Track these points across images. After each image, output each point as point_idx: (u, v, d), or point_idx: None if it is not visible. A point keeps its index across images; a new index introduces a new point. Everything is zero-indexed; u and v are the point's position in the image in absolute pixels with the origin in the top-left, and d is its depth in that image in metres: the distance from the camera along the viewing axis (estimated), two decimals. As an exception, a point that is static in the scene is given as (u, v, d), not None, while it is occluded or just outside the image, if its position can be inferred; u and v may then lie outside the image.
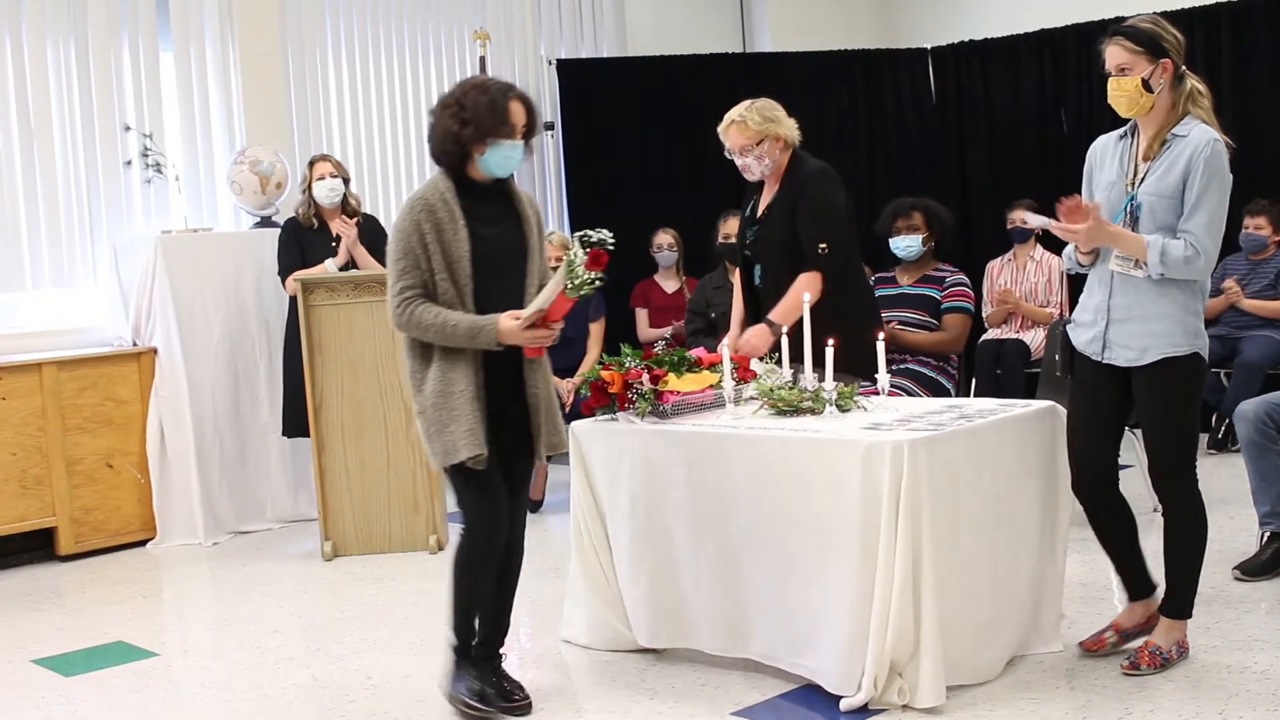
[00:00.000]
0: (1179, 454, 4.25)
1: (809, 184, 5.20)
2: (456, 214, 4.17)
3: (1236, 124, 8.28)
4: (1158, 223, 4.11)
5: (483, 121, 4.15)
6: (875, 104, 9.75)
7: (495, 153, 4.19)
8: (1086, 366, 4.35)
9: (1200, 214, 4.08)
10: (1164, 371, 4.16)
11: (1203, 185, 4.07)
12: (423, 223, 4.16)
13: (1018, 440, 4.38)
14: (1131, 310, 4.18)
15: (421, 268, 4.17)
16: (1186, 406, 4.22)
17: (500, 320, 4.10)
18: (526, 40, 9.20)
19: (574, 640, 4.96)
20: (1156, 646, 4.27)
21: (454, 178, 4.24)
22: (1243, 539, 5.71)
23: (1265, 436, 5.28)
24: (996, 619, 4.32)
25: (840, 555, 4.14)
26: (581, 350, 7.48)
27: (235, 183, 7.46)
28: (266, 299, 7.38)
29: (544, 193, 9.30)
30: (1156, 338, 4.16)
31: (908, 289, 6.70)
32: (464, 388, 4.15)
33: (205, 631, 5.60)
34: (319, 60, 8.29)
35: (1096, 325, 4.28)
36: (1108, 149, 4.33)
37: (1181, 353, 4.16)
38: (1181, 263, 4.06)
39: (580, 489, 4.88)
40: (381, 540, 6.64)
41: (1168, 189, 4.09)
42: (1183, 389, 4.20)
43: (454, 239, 4.16)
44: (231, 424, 7.33)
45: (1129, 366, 4.22)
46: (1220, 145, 4.11)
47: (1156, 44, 4.14)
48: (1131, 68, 4.14)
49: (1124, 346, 4.21)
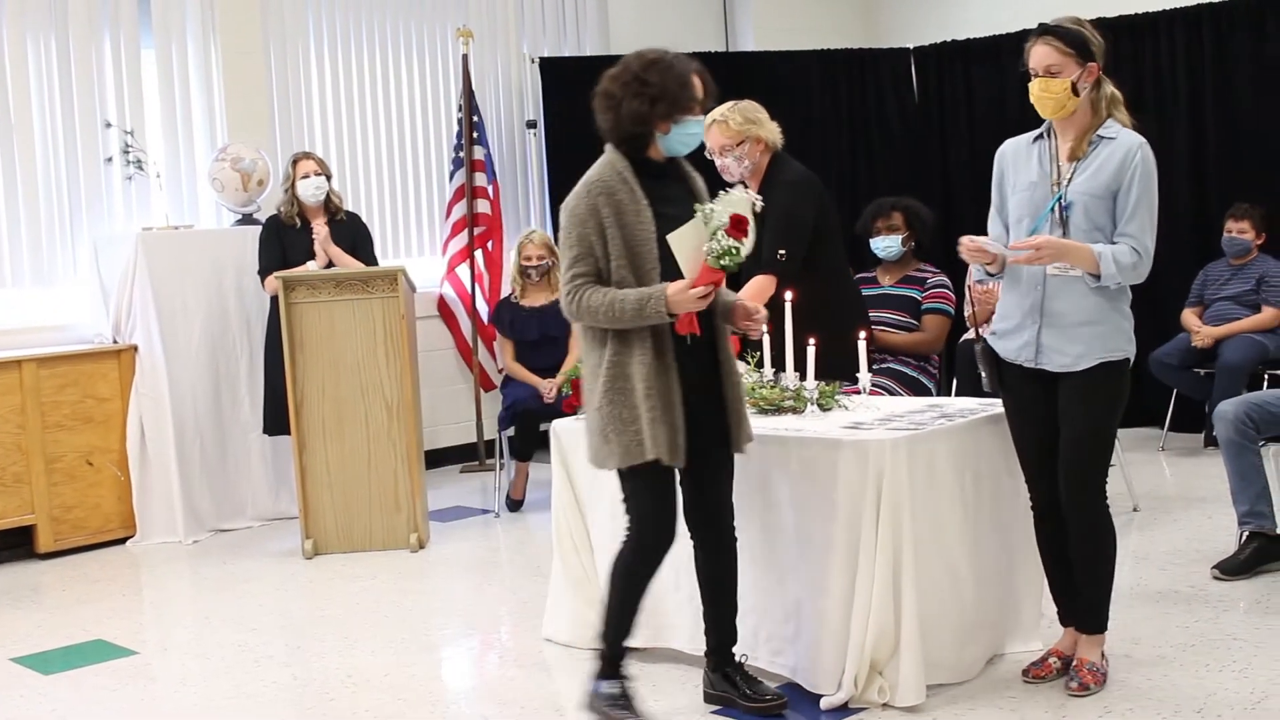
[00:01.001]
0: (1100, 463, 4.15)
1: (782, 192, 5.20)
2: (638, 194, 3.92)
3: (1217, 127, 8.39)
4: (1091, 222, 4.07)
5: (675, 98, 3.92)
6: (858, 104, 9.77)
7: (681, 130, 3.96)
8: (1016, 378, 4.23)
9: (1139, 217, 4.04)
10: (1099, 377, 4.08)
11: (1140, 189, 4.04)
12: (601, 206, 3.90)
13: (998, 439, 4.39)
14: (1067, 314, 4.09)
15: (595, 255, 3.91)
16: (1114, 414, 4.14)
17: (669, 286, 3.82)
18: (509, 38, 9.20)
19: (555, 638, 4.97)
20: (1093, 663, 4.21)
21: (630, 158, 4.00)
22: (1221, 538, 5.75)
23: (1244, 436, 5.31)
24: (977, 618, 4.34)
25: (821, 554, 4.16)
26: (564, 349, 7.48)
27: (216, 180, 7.45)
28: (248, 296, 7.37)
29: (525, 191, 9.31)
30: (1094, 342, 4.07)
31: (889, 289, 6.72)
32: (641, 379, 3.88)
33: (185, 630, 5.59)
34: (301, 57, 8.28)
35: (1026, 330, 4.16)
36: (1020, 151, 4.25)
37: (1117, 358, 4.10)
38: (1131, 269, 4.03)
39: (562, 488, 4.88)
40: (362, 538, 6.64)
41: (1099, 188, 4.05)
42: (1114, 395, 4.12)
43: (636, 221, 3.90)
44: (212, 422, 7.32)
45: (1061, 372, 4.13)
46: (1148, 149, 4.08)
47: (1086, 47, 4.10)
48: (1061, 69, 4.07)
49: (1057, 351, 4.11)
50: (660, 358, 3.91)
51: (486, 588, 5.97)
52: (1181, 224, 8.31)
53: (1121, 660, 4.39)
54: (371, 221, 8.12)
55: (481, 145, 8.68)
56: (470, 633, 5.35)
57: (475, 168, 8.65)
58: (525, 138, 9.23)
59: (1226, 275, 7.88)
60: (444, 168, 8.88)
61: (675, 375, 3.92)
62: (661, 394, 3.88)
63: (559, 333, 7.49)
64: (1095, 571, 4.19)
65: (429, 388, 8.11)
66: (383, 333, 6.60)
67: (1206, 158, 8.48)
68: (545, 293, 7.62)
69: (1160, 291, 7.89)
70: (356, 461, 6.62)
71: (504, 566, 6.45)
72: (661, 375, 3.90)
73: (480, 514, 7.42)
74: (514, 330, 7.61)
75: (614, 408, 3.90)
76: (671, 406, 3.90)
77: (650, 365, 3.88)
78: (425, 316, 8.32)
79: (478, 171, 8.66)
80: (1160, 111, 8.55)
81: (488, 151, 8.73)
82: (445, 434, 8.82)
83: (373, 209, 8.61)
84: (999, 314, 4.30)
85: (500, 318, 7.77)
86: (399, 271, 6.65)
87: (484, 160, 8.69)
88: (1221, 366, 7.49)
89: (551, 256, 7.63)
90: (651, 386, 3.87)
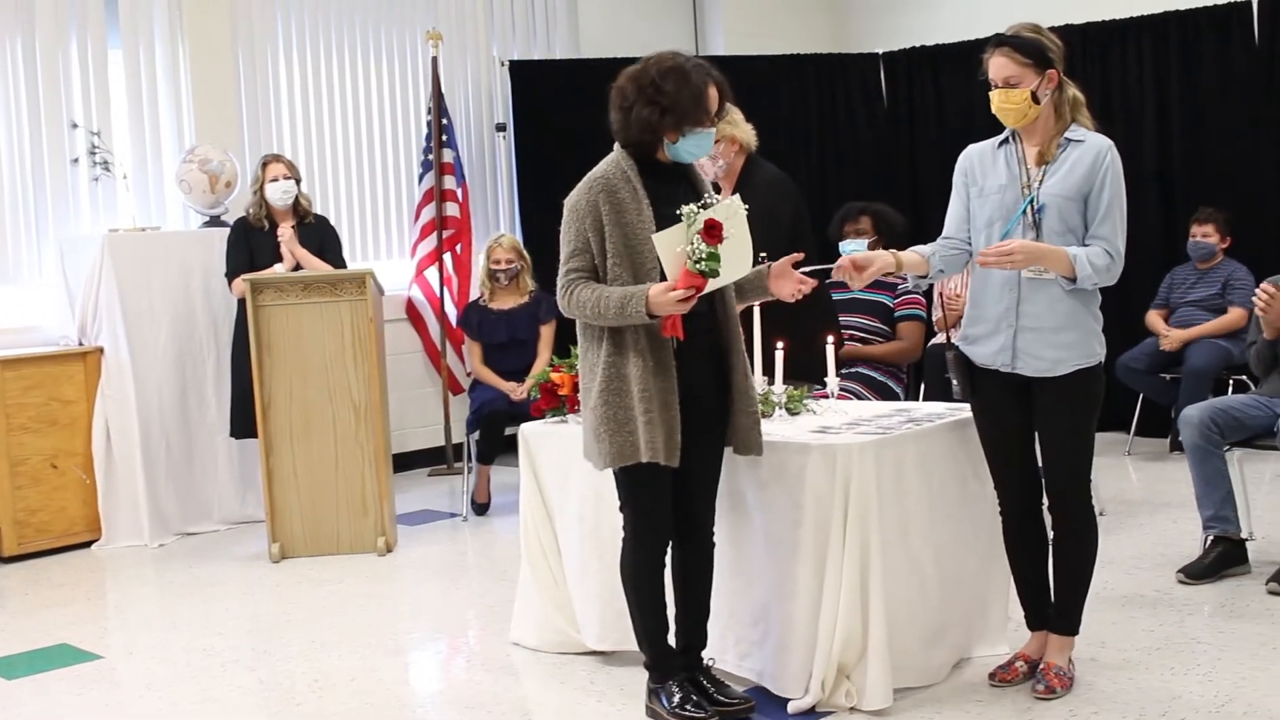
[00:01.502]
0: (1082, 467, 4.18)
1: (759, 193, 5.22)
2: (640, 194, 3.95)
3: (1183, 133, 8.46)
4: (1064, 223, 4.09)
5: (685, 112, 3.92)
6: (827, 109, 9.80)
7: (689, 141, 3.98)
8: (989, 383, 4.23)
9: (1111, 219, 4.06)
10: (1077, 383, 4.11)
11: (1111, 191, 4.06)
12: (601, 203, 3.93)
13: (966, 444, 4.41)
14: (1042, 318, 4.10)
15: (592, 250, 3.93)
16: (1092, 418, 4.18)
17: (651, 287, 3.82)
18: (479, 41, 9.20)
19: (523, 643, 4.96)
20: (1059, 667, 4.22)
21: (636, 156, 4.03)
22: (1186, 543, 5.79)
23: (1209, 441, 5.35)
24: (944, 621, 4.36)
25: (788, 557, 4.17)
26: (532, 352, 7.48)
27: (184, 181, 7.42)
28: (215, 299, 7.34)
29: (495, 195, 9.30)
30: (1071, 348, 4.10)
31: (859, 294, 6.70)
32: (636, 380, 3.88)
33: (151, 634, 5.56)
34: (270, 58, 8.26)
35: (1001, 334, 4.17)
36: (985, 156, 4.26)
37: (1093, 364, 4.13)
38: (1104, 270, 4.06)
39: (529, 491, 4.88)
40: (329, 542, 6.62)
41: (1071, 190, 4.07)
42: (1092, 400, 4.15)
43: (637, 220, 3.91)
44: (178, 425, 7.29)
45: (1037, 377, 4.15)
46: (1116, 151, 4.11)
47: (1044, 55, 4.10)
48: (1020, 80, 4.07)
49: (1034, 356, 4.12)
50: (657, 358, 3.91)
51: (454, 592, 5.96)
52: (1148, 229, 8.37)
53: (1087, 664, 4.42)
54: (340, 224, 8.10)
55: (451, 148, 8.67)
56: (437, 637, 5.34)
57: (444, 170, 8.64)
58: (494, 141, 9.23)
59: (1192, 279, 7.93)
60: (413, 170, 8.87)
61: (674, 375, 3.93)
62: (659, 394, 3.89)
63: (527, 336, 7.49)
64: (1075, 573, 4.23)
65: (397, 391, 8.10)
66: (351, 336, 6.59)
67: (1173, 163, 8.55)
68: (514, 296, 7.62)
69: (1127, 296, 7.93)
70: (324, 465, 6.60)
71: (471, 570, 6.44)
72: (659, 375, 3.90)
73: (448, 518, 7.41)
74: (482, 333, 7.61)
75: (609, 408, 3.91)
76: (669, 407, 3.90)
77: (647, 366, 3.88)
78: (393, 319, 8.30)
79: (447, 174, 8.65)
80: (1127, 118, 8.61)
81: (457, 154, 8.73)
82: (413, 437, 8.81)
83: (341, 211, 8.59)
84: (969, 318, 4.30)
85: (468, 321, 7.76)
86: (367, 274, 6.64)
87: (453, 163, 8.68)
88: (1188, 371, 7.55)
89: (521, 260, 7.63)
90: (648, 388, 3.88)
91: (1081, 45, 8.69)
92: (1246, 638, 4.65)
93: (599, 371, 3.95)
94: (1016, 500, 4.27)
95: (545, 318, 7.54)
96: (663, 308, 3.81)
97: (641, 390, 3.87)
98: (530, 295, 7.63)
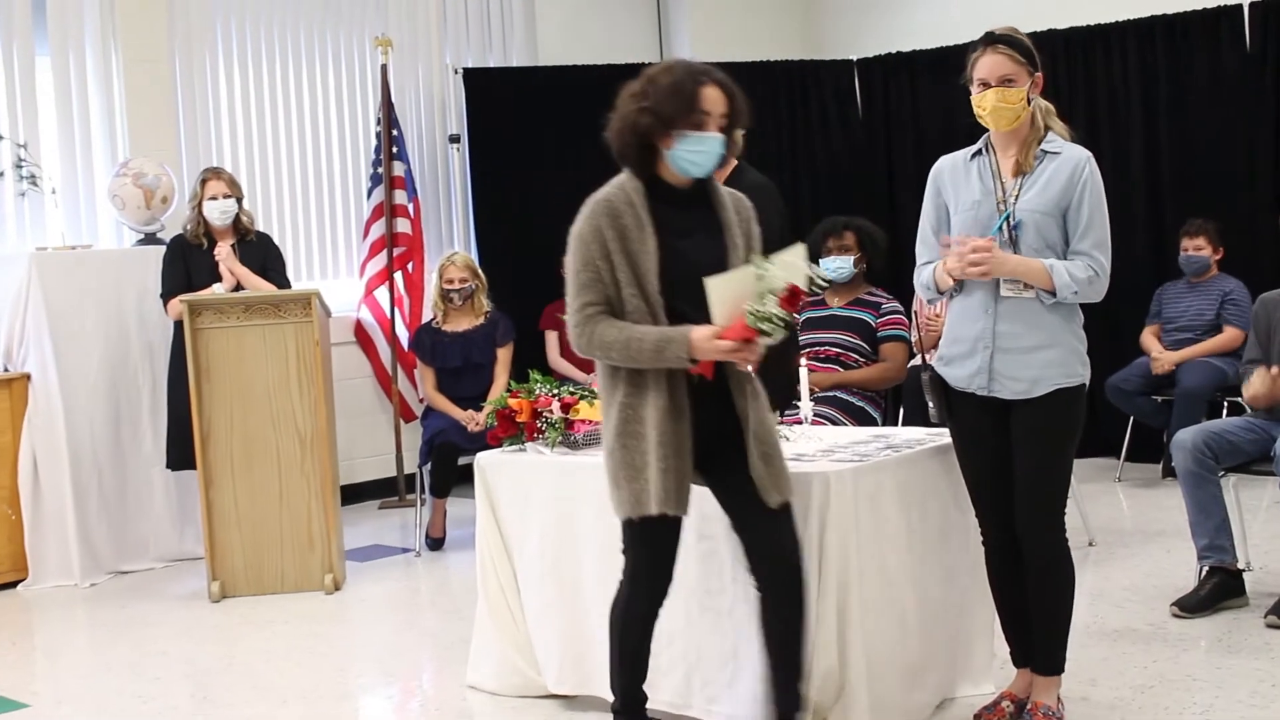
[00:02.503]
0: (1057, 495, 4.17)
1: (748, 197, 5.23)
2: (644, 220, 3.79)
3: (1171, 142, 8.51)
4: (1043, 239, 4.09)
5: (671, 111, 3.75)
6: (799, 118, 9.83)
7: (684, 145, 3.78)
8: (966, 407, 4.21)
9: (1092, 233, 4.07)
10: (1055, 404, 4.09)
11: (1091, 205, 4.07)
12: (605, 228, 3.77)
13: (947, 472, 4.41)
14: (1020, 338, 4.10)
15: (604, 281, 3.78)
16: (1070, 443, 4.16)
17: (693, 331, 3.70)
18: (431, 48, 9.19)
19: (480, 686, 4.93)
20: (1048, 707, 4.22)
21: (643, 178, 3.86)
22: (1180, 573, 5.80)
23: (1203, 466, 5.36)
24: (926, 660, 4.34)
25: (761, 593, 4.15)
26: (488, 377, 7.45)
27: (117, 196, 7.38)
28: (150, 321, 7.29)
29: (448, 210, 9.29)
30: (1049, 367, 4.09)
31: (839, 311, 6.73)
32: (654, 425, 3.77)
33: (81, 680, 5.50)
34: (208, 66, 8.23)
35: (977, 356, 4.16)
36: (958, 169, 4.26)
37: (1073, 383, 4.12)
38: (1086, 284, 4.06)
39: (486, 525, 4.85)
40: (273, 580, 6.57)
41: (1048, 204, 4.08)
42: (1070, 423, 4.14)
43: (641, 250, 3.77)
44: (111, 455, 7.23)
45: (1014, 399, 4.13)
46: (1094, 162, 4.12)
47: (1034, 57, 4.15)
48: (1016, 79, 4.10)
49: (1011, 378, 4.11)
50: (674, 400, 3.81)
51: (406, 632, 5.93)
52: (1138, 243, 8.42)
53: (1078, 703, 4.41)
54: (284, 241, 8.07)
55: (401, 160, 8.66)
56: (389, 681, 5.30)
57: (395, 184, 8.62)
58: (448, 153, 9.21)
59: (1185, 295, 7.95)
60: (361, 184, 8.85)
61: (688, 419, 3.83)
62: (673, 440, 3.79)
63: (483, 360, 7.47)
64: (1051, 609, 4.20)
65: (345, 419, 8.06)
66: (295, 360, 6.55)
67: (1161, 174, 8.60)
68: (469, 317, 7.59)
69: (1116, 314, 7.99)
70: (267, 498, 6.56)
71: (425, 609, 6.41)
72: (675, 419, 3.80)
73: (400, 553, 7.38)
74: (435, 357, 7.58)
75: (626, 453, 3.82)
76: (682, 453, 3.81)
77: (664, 409, 3.79)
78: (341, 343, 8.28)
79: (397, 189, 8.63)
80: (1113, 127, 8.66)
81: (408, 167, 8.71)
82: (362, 468, 8.77)
83: (285, 228, 8.56)
84: (946, 339, 4.30)
85: (420, 344, 7.73)
86: (313, 294, 6.60)
87: (404, 176, 8.67)
88: (1180, 393, 7.57)
89: (475, 279, 7.61)
90: (665, 433, 3.78)
91: (1065, 51, 8.75)
92: (1245, 674, 4.66)
93: (614, 413, 3.86)
94: (998, 530, 4.24)
95: (502, 340, 7.52)
96: (707, 355, 3.71)
97: (659, 436, 3.78)
98: (486, 316, 7.61)
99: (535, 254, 8.51)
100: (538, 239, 8.72)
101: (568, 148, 9.13)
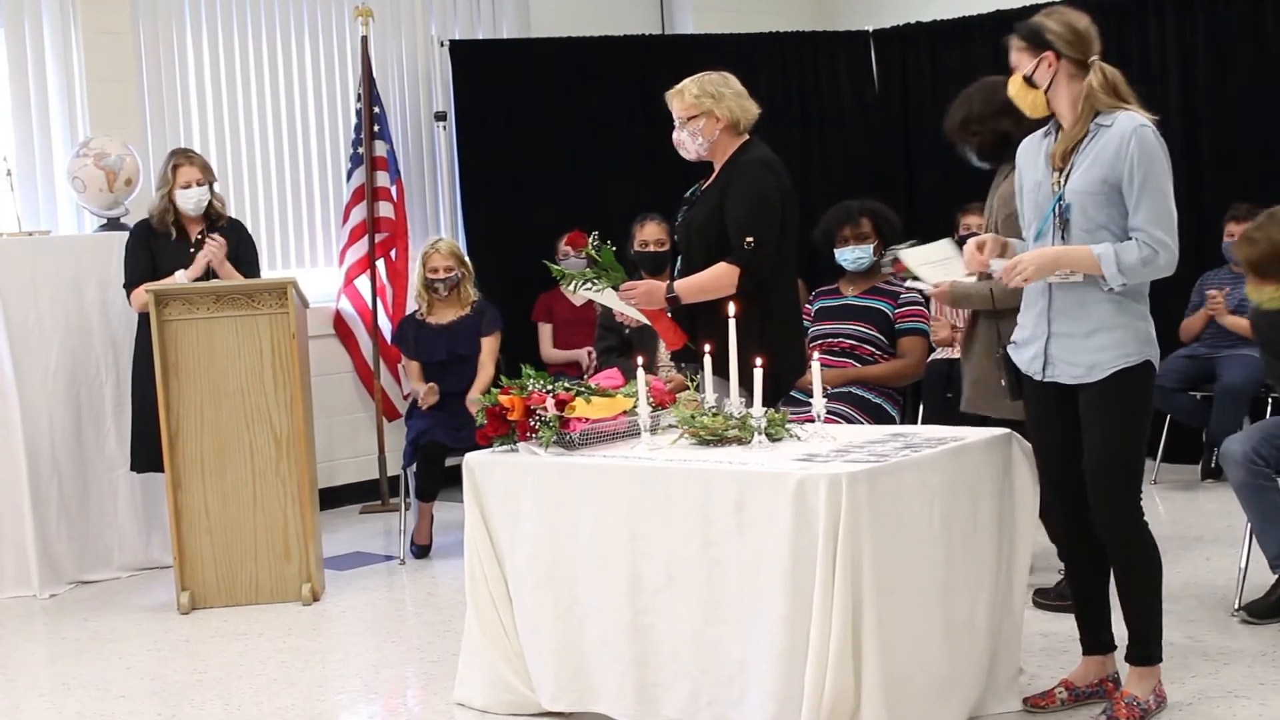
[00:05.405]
0: (1128, 479, 4.32)
1: (744, 171, 5.27)
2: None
3: (1215, 118, 8.48)
4: (1091, 221, 4.18)
5: None
6: (811, 92, 9.82)
7: None
8: (1032, 388, 4.45)
9: (1145, 207, 4.17)
10: (1115, 386, 4.25)
11: (1141, 176, 4.17)
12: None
13: (970, 472, 4.42)
14: (1074, 323, 4.27)
15: None
16: (1137, 425, 4.33)
17: None
18: (415, 19, 9.19)
19: (468, 703, 4.93)
20: (1133, 697, 4.32)
21: None
22: (1220, 582, 5.80)
23: (1257, 475, 5.36)
24: (948, 674, 4.35)
25: (770, 603, 4.15)
26: (474, 370, 7.45)
27: (78, 179, 7.38)
28: (113, 313, 7.29)
29: (434, 193, 9.29)
30: (1105, 350, 4.24)
31: (853, 300, 6.74)
32: None
33: (40, 698, 5.51)
34: (175, 39, 8.24)
35: (1036, 341, 4.38)
36: (1031, 150, 4.46)
37: (1134, 363, 4.26)
38: (1140, 265, 4.15)
39: (476, 531, 4.86)
40: (247, 590, 6.58)
41: (1093, 184, 4.18)
42: (1134, 404, 4.30)
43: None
44: (72, 457, 7.23)
45: (1075, 384, 4.31)
46: (1148, 130, 4.21)
47: (1039, 37, 4.29)
48: (1019, 65, 4.32)
49: (1068, 363, 4.31)
50: None
51: (389, 646, 5.93)
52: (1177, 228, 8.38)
53: (1110, 721, 4.42)
54: (257, 227, 8.08)
55: (383, 140, 8.66)
56: (372, 698, 5.32)
57: (376, 165, 8.63)
58: (434, 131, 9.21)
59: (1229, 284, 7.91)
60: (340, 166, 8.85)
61: None
62: None
63: (469, 352, 7.48)
64: (1135, 595, 4.37)
65: (324, 417, 8.06)
66: (270, 354, 6.56)
67: (1201, 153, 8.54)
68: (454, 308, 7.60)
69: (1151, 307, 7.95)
70: (240, 502, 6.57)
71: (410, 621, 6.42)
72: None
73: (383, 561, 7.39)
74: (420, 351, 7.59)
75: None
76: None
77: None
78: (319, 335, 8.28)
79: (379, 170, 8.64)
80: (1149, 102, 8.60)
81: (390, 147, 8.71)
82: (343, 470, 8.78)
83: (258, 213, 8.56)
84: (1019, 323, 4.49)
85: (404, 337, 7.74)
86: (289, 284, 6.60)
87: (386, 157, 8.67)
88: (1221, 389, 7.54)
89: (461, 268, 7.61)
90: None
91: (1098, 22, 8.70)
92: (1290, 690, 4.67)
93: None
94: (1071, 513, 4.43)
95: (487, 329, 7.53)
96: None
97: None
98: (472, 307, 7.61)
99: (527, 240, 8.54)
100: (530, 224, 8.79)
101: (562, 126, 9.16)
